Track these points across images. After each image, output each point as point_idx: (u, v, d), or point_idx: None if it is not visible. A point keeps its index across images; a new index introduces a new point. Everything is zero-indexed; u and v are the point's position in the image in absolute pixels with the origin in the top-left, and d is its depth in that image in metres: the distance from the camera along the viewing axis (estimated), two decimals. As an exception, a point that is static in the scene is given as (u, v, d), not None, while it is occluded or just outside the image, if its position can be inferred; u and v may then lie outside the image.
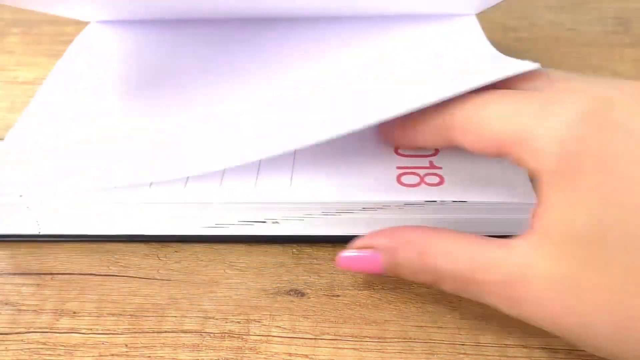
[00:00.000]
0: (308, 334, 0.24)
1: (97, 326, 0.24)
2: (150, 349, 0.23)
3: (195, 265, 0.27)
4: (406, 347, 0.23)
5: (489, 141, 0.21)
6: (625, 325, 0.18)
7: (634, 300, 0.18)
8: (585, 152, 0.18)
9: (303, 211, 0.26)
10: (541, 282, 0.19)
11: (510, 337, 0.24)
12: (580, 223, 0.18)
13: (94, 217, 0.27)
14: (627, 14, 0.47)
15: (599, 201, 0.18)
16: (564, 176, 0.19)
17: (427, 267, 0.22)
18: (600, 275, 0.18)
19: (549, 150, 0.19)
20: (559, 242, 0.19)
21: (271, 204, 0.26)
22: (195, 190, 0.26)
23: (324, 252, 0.28)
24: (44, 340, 0.24)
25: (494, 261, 0.20)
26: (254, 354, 0.23)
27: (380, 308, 0.25)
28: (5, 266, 0.27)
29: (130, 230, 0.28)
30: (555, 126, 0.19)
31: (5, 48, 0.44)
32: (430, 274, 0.22)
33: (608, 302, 0.18)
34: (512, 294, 0.20)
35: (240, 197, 0.26)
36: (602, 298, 0.18)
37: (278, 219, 0.27)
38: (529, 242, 0.20)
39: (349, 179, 0.26)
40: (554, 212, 0.19)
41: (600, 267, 0.18)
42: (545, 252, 0.19)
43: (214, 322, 0.25)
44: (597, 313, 0.18)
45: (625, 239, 0.18)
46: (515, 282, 0.20)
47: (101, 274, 0.27)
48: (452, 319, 0.25)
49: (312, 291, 0.26)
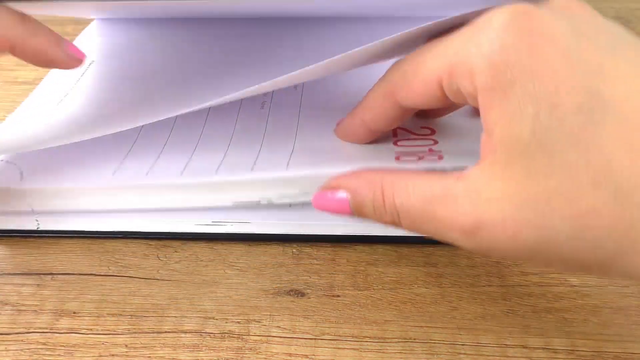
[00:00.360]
0: (308, 334, 0.24)
1: (97, 326, 0.24)
2: (150, 349, 0.23)
3: (195, 266, 0.27)
4: (406, 347, 0.23)
5: (430, 84, 0.21)
6: (581, 224, 0.18)
7: (587, 198, 0.17)
8: (513, 62, 0.18)
9: (298, 187, 0.26)
10: (495, 205, 0.19)
11: (510, 337, 0.24)
12: (520, 135, 0.18)
13: (92, 213, 0.27)
14: (627, 14, 0.47)
15: (534, 108, 0.18)
16: (498, 91, 0.18)
17: (387, 205, 0.21)
18: (550, 181, 0.18)
19: (479, 68, 0.19)
20: (504, 161, 0.18)
21: (267, 180, 0.26)
22: (194, 171, 0.26)
23: (324, 252, 0.28)
24: (44, 341, 0.24)
25: (449, 192, 0.20)
26: (254, 354, 0.23)
27: (380, 308, 0.25)
28: (5, 266, 0.27)
29: (129, 227, 0.28)
30: (481, 42, 0.19)
31: (5, 48, 0.44)
32: (390, 213, 0.21)
33: (562, 206, 0.18)
34: (468, 224, 0.19)
35: (237, 176, 0.26)
36: (556, 204, 0.18)
37: (273, 197, 0.27)
38: (480, 169, 0.19)
39: (348, 163, 0.26)
40: (496, 132, 0.19)
41: (549, 174, 0.18)
42: (494, 174, 0.19)
43: (214, 322, 0.25)
44: (554, 220, 0.18)
45: (567, 140, 0.17)
46: (471, 212, 0.19)
47: (101, 274, 0.27)
48: (452, 319, 0.25)
49: (312, 291, 0.26)
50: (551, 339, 0.23)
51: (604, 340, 0.24)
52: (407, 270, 0.27)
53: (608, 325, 0.24)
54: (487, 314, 0.25)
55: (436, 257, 0.27)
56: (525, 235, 0.18)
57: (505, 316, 0.25)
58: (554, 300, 0.25)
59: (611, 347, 0.23)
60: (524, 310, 0.25)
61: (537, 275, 0.26)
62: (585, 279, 0.26)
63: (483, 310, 0.25)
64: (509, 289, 0.26)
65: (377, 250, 0.28)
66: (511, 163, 0.18)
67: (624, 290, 0.26)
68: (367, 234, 0.27)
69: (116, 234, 0.28)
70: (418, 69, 0.22)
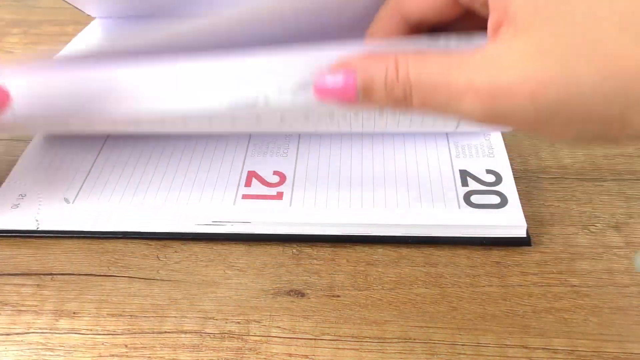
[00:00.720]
0: (308, 335, 0.24)
1: (97, 327, 0.24)
2: (150, 349, 0.23)
3: (195, 266, 0.27)
4: (406, 347, 0.23)
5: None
6: (607, 70, 0.17)
7: (613, 43, 0.17)
8: None
9: (298, 75, 0.24)
10: (514, 67, 0.18)
11: (510, 337, 0.24)
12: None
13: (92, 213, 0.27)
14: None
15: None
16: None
17: (401, 78, 0.20)
18: (575, 30, 0.17)
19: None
20: (525, 23, 0.18)
21: (263, 68, 0.24)
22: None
23: (324, 252, 0.28)
24: (44, 341, 0.24)
25: (466, 60, 0.19)
26: (254, 354, 0.23)
27: (380, 308, 0.25)
28: (5, 266, 0.27)
29: (129, 227, 0.28)
30: None
31: (5, 48, 0.44)
32: (402, 89, 0.20)
33: (587, 52, 0.17)
34: (484, 89, 0.19)
35: (232, 59, 0.25)
36: (582, 51, 0.17)
37: (270, 93, 0.24)
38: (497, 40, 0.19)
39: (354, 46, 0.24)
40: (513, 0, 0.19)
41: (573, 24, 0.17)
42: (514, 38, 0.18)
43: (213, 322, 0.25)
44: (579, 68, 0.17)
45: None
46: (488, 76, 0.18)
47: (101, 274, 0.27)
48: (452, 319, 0.25)
49: (312, 291, 0.26)
50: (551, 339, 0.23)
51: (604, 340, 0.24)
52: (407, 270, 0.27)
53: (608, 325, 0.24)
54: (487, 314, 0.25)
55: (436, 257, 0.27)
56: (546, 92, 0.18)
57: (505, 316, 0.25)
58: (553, 300, 0.25)
59: (611, 347, 0.23)
60: (524, 310, 0.25)
61: (537, 276, 0.26)
62: (585, 279, 0.26)
63: (483, 310, 0.25)
64: (509, 289, 0.26)
65: (377, 250, 0.28)
66: (533, 23, 0.18)
67: (624, 290, 0.26)
68: (367, 234, 0.27)
69: (116, 234, 0.28)
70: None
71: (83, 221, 0.28)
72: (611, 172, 0.32)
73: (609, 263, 0.27)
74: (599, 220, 0.29)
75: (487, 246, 0.28)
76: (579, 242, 0.28)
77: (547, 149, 0.33)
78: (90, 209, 0.28)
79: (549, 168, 0.32)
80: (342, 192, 0.29)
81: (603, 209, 0.30)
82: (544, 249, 0.28)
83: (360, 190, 0.29)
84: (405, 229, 0.27)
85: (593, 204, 0.30)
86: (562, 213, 0.29)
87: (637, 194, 0.30)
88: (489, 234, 0.27)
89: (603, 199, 0.30)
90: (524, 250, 0.27)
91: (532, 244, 0.28)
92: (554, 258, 0.27)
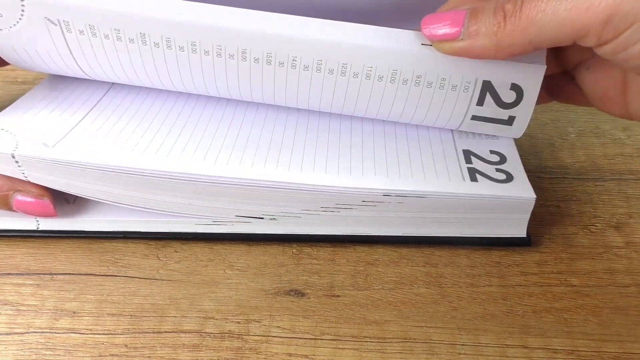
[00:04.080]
0: (308, 334, 0.24)
1: (97, 326, 0.24)
2: (150, 349, 0.23)
3: (195, 266, 0.27)
4: (406, 347, 0.23)
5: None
6: None
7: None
8: None
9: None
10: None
11: (510, 337, 0.24)
12: None
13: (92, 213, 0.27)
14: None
15: None
16: None
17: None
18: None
19: None
20: None
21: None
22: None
23: (324, 252, 0.28)
24: (44, 341, 0.24)
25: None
26: (253, 354, 0.23)
27: (380, 308, 0.25)
28: (5, 266, 0.27)
29: (129, 227, 0.28)
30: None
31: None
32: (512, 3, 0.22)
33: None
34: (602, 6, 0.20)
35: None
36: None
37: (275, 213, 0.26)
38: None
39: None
40: None
41: None
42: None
43: (213, 322, 0.25)
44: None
45: None
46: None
47: (101, 274, 0.27)
48: (452, 319, 0.25)
49: (312, 291, 0.26)
50: (551, 339, 0.23)
51: (604, 340, 0.24)
52: (407, 270, 0.27)
53: (608, 325, 0.24)
54: (487, 314, 0.25)
55: (436, 257, 0.27)
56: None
57: (505, 316, 0.25)
58: (554, 300, 0.25)
59: (611, 347, 0.23)
60: (524, 310, 0.25)
61: (537, 276, 0.26)
62: (585, 279, 0.26)
63: (483, 310, 0.25)
64: (509, 289, 0.26)
65: (377, 250, 0.28)
66: None
67: (624, 290, 0.26)
68: (367, 234, 0.27)
69: (116, 234, 0.28)
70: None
71: (83, 221, 0.28)
72: (611, 172, 0.32)
73: (609, 263, 0.27)
74: (599, 220, 0.29)
75: (487, 246, 0.28)
76: (579, 242, 0.28)
77: (547, 149, 0.33)
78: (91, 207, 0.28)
79: (549, 168, 0.32)
80: (342, 160, 0.27)
81: (603, 209, 0.30)
82: (544, 249, 0.28)
83: (361, 159, 0.27)
84: (409, 215, 0.26)
85: (593, 204, 0.30)
86: (562, 213, 0.29)
87: (637, 194, 0.31)
88: (490, 232, 0.27)
89: (603, 199, 0.30)
90: (524, 250, 0.27)
91: (532, 244, 0.28)
92: (554, 258, 0.27)
